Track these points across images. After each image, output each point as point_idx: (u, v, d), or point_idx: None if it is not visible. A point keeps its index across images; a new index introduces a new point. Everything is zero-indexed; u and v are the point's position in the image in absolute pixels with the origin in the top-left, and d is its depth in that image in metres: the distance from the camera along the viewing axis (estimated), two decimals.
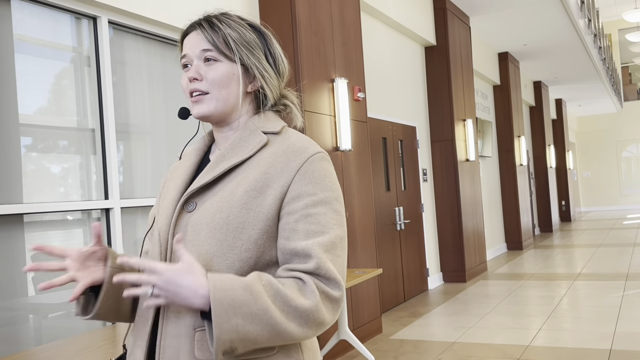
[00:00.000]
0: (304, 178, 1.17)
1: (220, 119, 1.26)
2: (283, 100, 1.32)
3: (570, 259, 9.74)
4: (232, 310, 1.04)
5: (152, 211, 1.36)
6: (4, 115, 2.84)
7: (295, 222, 1.15)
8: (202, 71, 1.23)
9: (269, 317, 1.06)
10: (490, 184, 10.58)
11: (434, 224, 7.84)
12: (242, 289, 1.06)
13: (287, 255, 1.15)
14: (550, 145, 15.02)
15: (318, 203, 1.16)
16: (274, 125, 1.26)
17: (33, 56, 3.07)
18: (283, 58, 1.31)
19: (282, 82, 1.31)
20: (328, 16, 4.80)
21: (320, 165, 1.20)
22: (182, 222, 1.20)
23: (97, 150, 3.33)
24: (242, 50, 1.24)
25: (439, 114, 7.84)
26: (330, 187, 1.19)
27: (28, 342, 2.86)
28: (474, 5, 8.37)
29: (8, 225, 2.81)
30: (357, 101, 5.16)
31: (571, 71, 13.32)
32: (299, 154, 1.19)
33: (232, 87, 1.24)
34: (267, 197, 1.16)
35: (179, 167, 1.33)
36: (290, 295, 1.08)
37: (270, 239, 1.17)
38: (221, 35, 1.23)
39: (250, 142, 1.23)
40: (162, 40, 3.81)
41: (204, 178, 1.21)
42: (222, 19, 1.26)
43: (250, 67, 1.25)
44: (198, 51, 1.24)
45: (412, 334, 5.25)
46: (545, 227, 14.61)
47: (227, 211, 1.15)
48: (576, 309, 5.93)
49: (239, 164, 1.21)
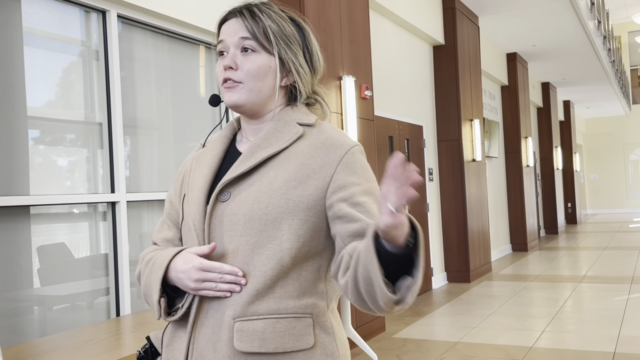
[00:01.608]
0: (347, 169, 1.17)
1: (252, 110, 1.25)
2: (314, 95, 1.31)
3: (575, 261, 9.70)
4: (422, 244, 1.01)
5: (170, 198, 1.34)
6: (13, 108, 2.86)
7: (349, 208, 1.13)
8: (238, 60, 1.21)
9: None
10: (496, 185, 10.55)
11: (439, 224, 7.83)
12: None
13: (348, 238, 1.12)
14: (558, 147, 14.96)
15: (364, 192, 1.16)
16: (308, 118, 1.25)
17: (42, 49, 3.08)
18: (319, 54, 1.30)
19: (315, 78, 1.30)
20: (337, 14, 4.79)
21: (360, 158, 1.21)
22: (216, 212, 1.18)
23: (104, 144, 3.35)
24: (281, 44, 1.22)
25: (446, 113, 7.83)
26: (371, 177, 1.21)
27: (33, 334, 2.88)
28: (483, 5, 8.34)
29: (15, 217, 2.83)
30: (364, 99, 5.15)
31: (580, 73, 13.26)
32: (339, 147, 1.19)
33: (267, 80, 1.22)
34: (308, 187, 1.15)
35: (204, 155, 1.30)
36: None
37: (311, 230, 1.16)
38: (261, 26, 1.21)
39: (285, 133, 1.21)
40: (170, 35, 3.82)
41: (239, 168, 1.19)
42: (263, 9, 1.23)
43: (287, 61, 1.23)
44: (236, 39, 1.21)
45: (416, 333, 5.25)
46: (550, 229, 14.56)
47: (265, 201, 1.14)
48: (580, 311, 5.91)
49: (275, 155, 1.19)
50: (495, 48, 10.52)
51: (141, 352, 1.27)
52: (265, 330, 1.12)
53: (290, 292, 1.15)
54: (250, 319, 1.12)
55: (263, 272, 1.13)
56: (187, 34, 3.87)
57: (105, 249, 3.33)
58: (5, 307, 2.76)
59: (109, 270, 3.32)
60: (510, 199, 11.18)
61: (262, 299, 1.13)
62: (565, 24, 9.50)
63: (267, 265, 1.13)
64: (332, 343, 1.18)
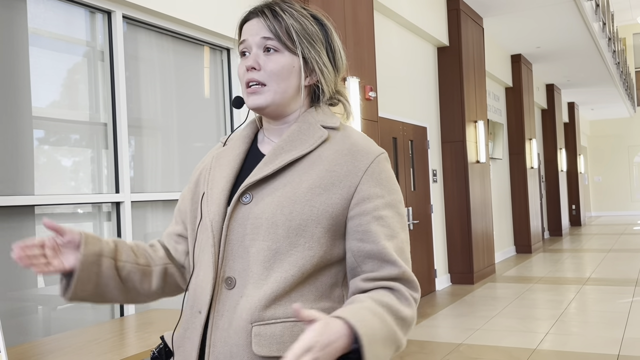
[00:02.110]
0: (372, 179, 1.16)
1: (276, 112, 1.22)
2: (337, 95, 1.29)
3: (579, 263, 9.68)
4: (374, 339, 1.00)
5: (184, 194, 1.33)
6: (18, 108, 2.87)
7: (367, 224, 1.13)
8: (261, 61, 1.18)
9: (395, 335, 1.07)
10: (500, 187, 10.54)
11: (442, 225, 7.82)
12: (372, 315, 1.03)
13: (360, 257, 1.14)
14: (562, 148, 14.93)
15: (387, 206, 1.15)
16: (332, 120, 1.23)
17: (47, 50, 3.09)
18: (342, 53, 1.27)
19: (338, 76, 1.27)
20: (341, 15, 4.80)
21: (385, 167, 1.19)
22: (237, 214, 1.16)
23: (108, 144, 3.35)
24: (304, 43, 1.19)
25: (450, 114, 7.82)
26: (395, 189, 1.19)
27: (37, 333, 2.89)
28: (488, 7, 8.34)
29: (19, 216, 2.84)
30: (369, 100, 5.15)
31: (584, 75, 13.23)
32: (365, 154, 1.17)
33: (291, 80, 1.19)
34: (332, 195, 1.13)
35: (225, 154, 1.28)
36: (399, 309, 1.09)
37: (333, 238, 1.15)
38: (284, 25, 1.18)
39: (310, 135, 1.19)
40: (175, 35, 3.83)
41: (263, 170, 1.17)
42: (285, 7, 1.20)
43: (310, 60, 1.21)
44: (258, 39, 1.19)
45: (419, 335, 5.25)
46: (554, 231, 14.53)
47: (289, 207, 1.12)
48: (584, 313, 5.90)
49: (298, 158, 1.17)
50: (499, 49, 10.51)
51: (155, 352, 1.27)
52: (283, 334, 1.10)
53: (307, 296, 1.14)
54: (268, 323, 1.10)
55: (284, 278, 1.11)
56: (191, 34, 3.87)
57: None
58: (10, 307, 2.77)
59: None
60: (515, 201, 11.16)
61: (279, 303, 1.11)
62: (570, 26, 9.48)
63: (288, 272, 1.11)
64: None
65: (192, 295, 1.21)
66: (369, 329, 0.99)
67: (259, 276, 1.12)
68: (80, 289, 1.20)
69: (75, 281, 1.18)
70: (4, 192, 2.76)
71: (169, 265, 1.32)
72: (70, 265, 1.19)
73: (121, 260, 1.24)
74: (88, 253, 1.19)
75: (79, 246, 1.19)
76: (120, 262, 1.24)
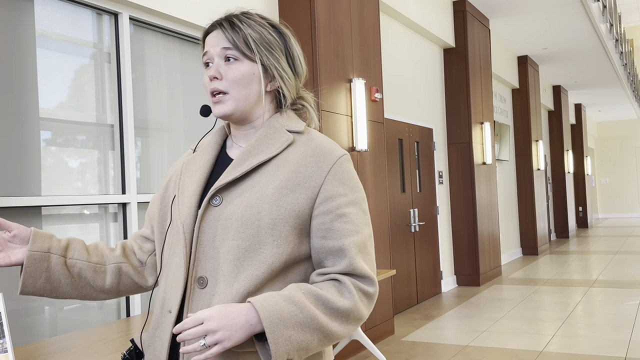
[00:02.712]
0: (335, 179, 1.21)
1: (241, 118, 1.29)
2: (300, 100, 1.35)
3: (586, 265, 9.64)
4: (282, 323, 1.07)
5: (154, 199, 1.37)
6: (25, 109, 2.88)
7: (331, 222, 1.19)
8: (222, 70, 1.25)
9: (316, 322, 1.11)
10: (506, 188, 10.51)
11: (448, 227, 7.81)
12: (286, 302, 1.09)
13: (323, 254, 1.20)
14: (569, 150, 14.88)
15: (349, 203, 1.21)
16: (297, 125, 1.29)
17: (54, 51, 3.10)
18: (301, 59, 1.34)
19: (299, 82, 1.34)
20: (347, 16, 4.80)
21: (348, 167, 1.25)
22: (208, 216, 1.21)
23: (115, 145, 3.37)
24: (262, 51, 1.26)
25: (457, 116, 7.81)
26: (358, 187, 1.25)
27: (43, 333, 2.90)
28: (494, 8, 8.32)
29: (26, 217, 2.85)
30: (374, 102, 5.15)
31: (591, 76, 13.19)
32: (328, 156, 1.23)
33: (252, 87, 1.26)
34: (298, 195, 1.19)
35: (195, 160, 1.34)
36: (330, 298, 1.13)
37: (300, 236, 1.20)
38: (242, 35, 1.25)
39: (275, 140, 1.25)
40: (181, 37, 3.84)
41: (231, 174, 1.22)
42: (242, 18, 1.27)
43: (269, 67, 1.27)
44: (218, 49, 1.26)
45: (425, 337, 5.24)
46: (561, 233, 14.48)
47: (258, 207, 1.17)
48: (591, 315, 5.87)
49: (266, 161, 1.23)
50: (506, 51, 10.48)
51: (126, 355, 1.30)
52: None
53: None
54: None
55: (254, 275, 1.16)
56: (197, 36, 3.88)
57: None
58: (17, 307, 2.78)
59: None
60: (521, 203, 11.13)
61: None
62: (577, 27, 9.45)
63: (258, 270, 1.16)
64: None
65: (161, 295, 1.26)
66: (276, 313, 1.07)
67: (229, 275, 1.16)
68: (30, 283, 1.28)
69: (23, 275, 1.27)
70: (11, 193, 2.77)
71: (123, 264, 1.39)
72: (17, 260, 1.28)
73: (72, 258, 1.33)
74: (35, 249, 1.28)
75: (26, 242, 1.29)
76: (71, 259, 1.33)
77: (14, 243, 1.29)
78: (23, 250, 1.29)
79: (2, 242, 1.28)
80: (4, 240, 1.28)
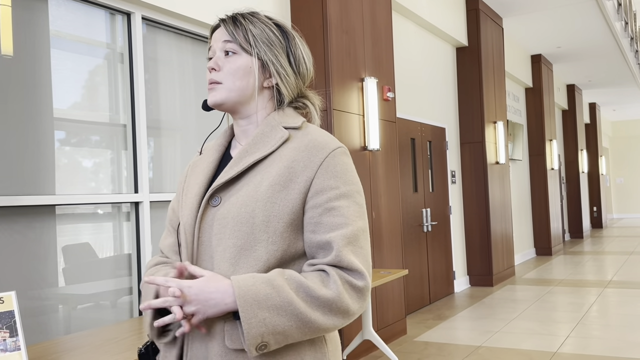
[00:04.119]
0: (327, 172, 1.20)
1: (234, 108, 1.30)
2: (302, 99, 1.35)
3: (600, 266, 9.55)
4: (257, 304, 1.08)
5: (172, 205, 1.39)
6: (40, 110, 2.90)
7: (319, 216, 1.18)
8: (221, 62, 1.28)
9: (293, 308, 1.10)
10: (520, 188, 10.44)
11: (461, 227, 7.77)
12: (264, 284, 1.10)
13: (313, 248, 1.19)
14: (583, 150, 14.76)
15: (341, 196, 1.20)
16: (294, 121, 1.29)
17: (68, 52, 3.12)
18: (306, 60, 1.33)
19: (301, 82, 1.33)
20: (359, 15, 4.79)
21: (341, 160, 1.23)
22: (207, 216, 1.23)
23: (128, 145, 3.38)
24: (261, 46, 1.27)
25: (469, 115, 7.77)
26: (351, 180, 1.23)
27: (58, 332, 2.92)
28: (508, 7, 8.27)
29: (41, 216, 2.87)
30: (387, 101, 5.14)
31: (606, 75, 13.07)
32: (321, 149, 1.22)
33: (248, 80, 1.27)
34: (291, 191, 1.19)
35: (200, 162, 1.36)
36: (312, 286, 1.12)
37: (295, 232, 1.20)
38: (242, 31, 1.28)
39: (272, 137, 1.25)
40: (193, 37, 3.85)
41: (228, 173, 1.24)
42: (247, 16, 1.30)
43: (267, 63, 1.28)
44: (220, 43, 1.29)
45: (437, 337, 5.21)
46: (575, 233, 14.36)
47: (252, 205, 1.18)
48: (606, 316, 5.81)
49: (262, 159, 1.23)
50: (519, 50, 10.41)
51: (142, 349, 1.31)
52: None
53: None
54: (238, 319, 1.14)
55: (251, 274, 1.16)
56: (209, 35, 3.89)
57: (129, 249, 3.37)
58: (31, 305, 2.81)
59: (132, 270, 3.36)
60: (535, 203, 11.05)
61: None
62: (592, 25, 9.37)
63: (254, 267, 1.16)
64: (320, 338, 1.22)
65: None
66: (251, 293, 1.08)
67: (225, 273, 1.17)
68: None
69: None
70: (25, 192, 2.79)
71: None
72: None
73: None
74: None
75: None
76: None
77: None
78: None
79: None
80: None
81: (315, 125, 1.33)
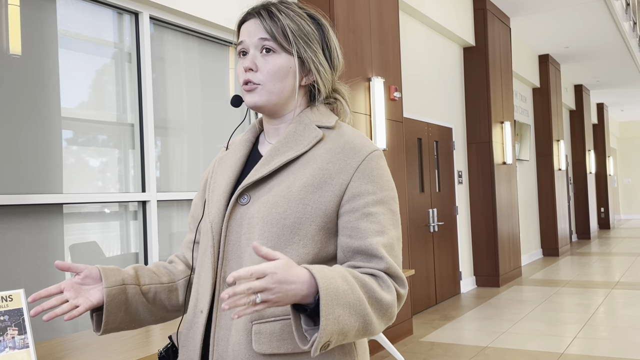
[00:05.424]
0: (363, 177, 1.16)
1: (273, 110, 1.24)
2: (334, 94, 1.29)
3: (608, 267, 9.51)
4: (336, 300, 0.99)
5: (195, 201, 1.35)
6: (47, 109, 2.92)
7: (356, 221, 1.13)
8: (258, 62, 1.20)
9: (363, 308, 1.04)
10: (527, 188, 10.41)
11: (468, 227, 7.75)
12: (341, 279, 1.02)
13: (349, 253, 1.14)
14: (591, 150, 14.70)
15: (377, 202, 1.15)
16: (328, 120, 1.24)
17: (76, 51, 3.14)
18: (338, 51, 1.28)
19: (335, 75, 1.28)
20: (366, 15, 4.79)
21: (378, 164, 1.19)
22: (235, 215, 1.18)
23: (135, 144, 3.39)
24: (300, 43, 1.21)
25: (476, 115, 7.75)
26: (388, 186, 1.19)
27: (65, 330, 2.94)
28: (515, 6, 8.25)
29: (48, 214, 2.88)
30: (393, 101, 5.13)
31: (614, 75, 13.01)
32: (357, 152, 1.18)
33: (287, 81, 1.21)
34: (325, 193, 1.14)
35: (227, 158, 1.31)
36: (374, 287, 1.07)
37: (327, 235, 1.15)
38: (280, 26, 1.20)
39: (305, 136, 1.21)
40: (201, 36, 3.86)
41: (259, 172, 1.19)
42: (281, 8, 1.22)
43: (307, 60, 1.22)
44: (255, 40, 1.20)
45: (443, 337, 5.20)
46: (582, 234, 14.30)
47: (284, 206, 1.13)
48: (613, 317, 5.79)
49: (294, 159, 1.19)
50: (527, 49, 10.38)
51: (162, 352, 1.29)
52: (283, 331, 1.11)
53: None
54: (268, 320, 1.11)
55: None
56: (217, 35, 3.90)
57: (136, 248, 3.38)
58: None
59: None
60: (542, 203, 11.02)
61: None
62: (600, 25, 9.33)
63: None
64: (350, 343, 1.17)
65: (194, 295, 1.24)
66: (332, 287, 0.98)
67: None
68: (111, 320, 1.22)
69: (105, 313, 1.20)
70: (33, 191, 2.81)
71: (189, 276, 1.36)
72: (98, 299, 1.20)
73: (145, 284, 1.27)
74: (111, 284, 1.20)
75: (98, 280, 1.21)
76: (145, 285, 1.27)
77: (86, 284, 1.20)
78: (99, 289, 1.20)
79: (75, 287, 1.19)
80: (76, 284, 1.19)
81: (346, 121, 1.29)
